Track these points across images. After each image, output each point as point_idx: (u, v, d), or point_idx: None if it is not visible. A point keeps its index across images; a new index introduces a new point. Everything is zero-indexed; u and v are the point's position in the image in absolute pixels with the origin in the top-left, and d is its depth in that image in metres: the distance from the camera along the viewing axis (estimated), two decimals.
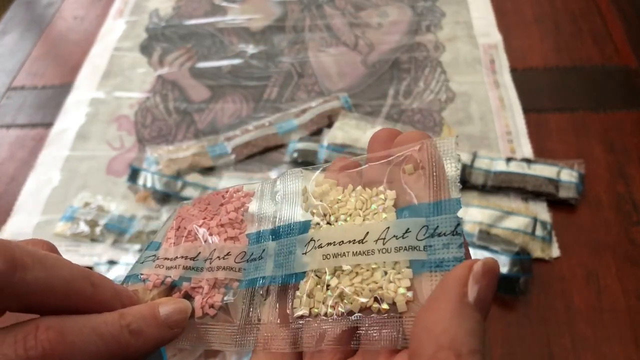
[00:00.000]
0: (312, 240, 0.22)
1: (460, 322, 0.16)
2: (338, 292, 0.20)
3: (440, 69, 0.68)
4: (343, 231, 0.21)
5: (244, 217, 0.25)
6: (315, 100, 0.65)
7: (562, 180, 0.54)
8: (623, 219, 0.52)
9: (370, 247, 0.21)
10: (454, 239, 0.19)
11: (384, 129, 0.24)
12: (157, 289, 0.24)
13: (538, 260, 0.50)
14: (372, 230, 0.21)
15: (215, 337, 0.23)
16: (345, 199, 0.22)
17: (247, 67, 0.72)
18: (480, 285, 0.17)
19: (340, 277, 0.21)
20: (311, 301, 0.21)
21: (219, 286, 0.24)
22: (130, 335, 0.20)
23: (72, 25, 0.82)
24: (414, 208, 0.21)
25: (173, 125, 0.66)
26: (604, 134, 0.59)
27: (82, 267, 0.20)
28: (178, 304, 0.23)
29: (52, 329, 0.18)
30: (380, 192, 0.22)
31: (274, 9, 0.80)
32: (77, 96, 0.71)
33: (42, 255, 0.19)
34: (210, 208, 0.26)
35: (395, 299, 0.19)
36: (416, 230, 0.20)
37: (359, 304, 0.20)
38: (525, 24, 0.73)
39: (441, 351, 0.16)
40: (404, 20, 0.76)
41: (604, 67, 0.66)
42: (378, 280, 0.20)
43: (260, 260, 0.23)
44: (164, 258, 0.25)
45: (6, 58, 0.78)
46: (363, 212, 0.22)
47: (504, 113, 0.62)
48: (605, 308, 0.47)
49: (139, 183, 0.59)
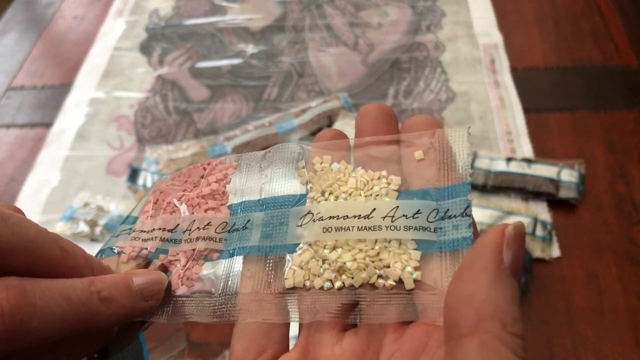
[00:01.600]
0: (310, 213, 0.21)
1: (501, 289, 0.16)
2: (337, 265, 0.20)
3: (441, 69, 0.68)
4: (348, 205, 0.21)
5: (226, 189, 0.24)
6: (315, 100, 0.65)
7: (562, 180, 0.54)
8: (623, 219, 0.52)
9: (377, 222, 0.20)
10: (463, 220, 0.20)
11: (372, 104, 0.23)
12: (133, 261, 0.23)
13: (538, 260, 0.50)
14: (379, 208, 0.21)
15: (193, 309, 0.22)
16: (345, 178, 0.22)
17: (247, 67, 0.72)
18: (514, 248, 0.16)
19: (341, 251, 0.20)
20: (305, 273, 0.21)
21: (197, 257, 0.23)
22: (101, 302, 0.19)
23: (72, 25, 0.82)
24: (423, 192, 0.21)
25: (173, 125, 0.66)
26: (604, 134, 0.59)
27: (51, 232, 0.19)
28: (153, 275, 0.22)
29: (13, 288, 0.17)
30: (383, 176, 0.22)
31: (274, 8, 0.80)
32: (76, 96, 0.71)
33: (4, 213, 0.18)
34: (191, 180, 0.25)
35: (402, 277, 0.20)
36: (427, 212, 0.20)
37: (361, 279, 0.20)
38: (526, 23, 0.73)
39: (485, 321, 0.15)
40: (404, 20, 0.76)
41: (605, 67, 0.66)
42: (384, 258, 0.20)
43: (244, 231, 0.23)
44: (140, 230, 0.24)
45: (6, 58, 0.78)
46: (364, 192, 0.22)
47: (504, 113, 0.62)
48: (605, 308, 0.47)
49: (138, 183, 0.59)
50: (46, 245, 0.19)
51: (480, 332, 0.15)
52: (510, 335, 0.15)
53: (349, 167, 0.23)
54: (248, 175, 0.24)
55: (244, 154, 0.25)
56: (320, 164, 0.23)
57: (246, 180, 0.24)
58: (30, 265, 0.18)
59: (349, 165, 0.23)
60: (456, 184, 0.21)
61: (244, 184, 0.24)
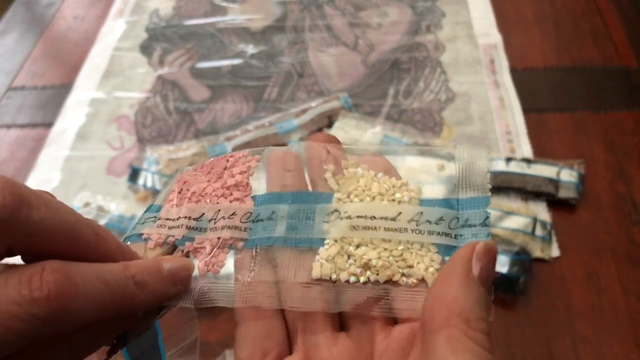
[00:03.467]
0: (337, 211, 0.23)
1: (467, 292, 0.19)
2: (363, 262, 0.21)
3: (440, 69, 0.68)
4: (375, 207, 0.23)
5: (249, 180, 0.25)
6: (315, 100, 0.65)
7: (562, 180, 0.54)
8: (623, 219, 0.52)
9: (402, 225, 0.22)
10: (482, 229, 0.22)
11: (321, 134, 0.26)
12: (159, 248, 0.24)
13: (538, 260, 0.50)
14: (404, 212, 0.22)
15: (219, 294, 0.22)
16: (369, 183, 0.24)
17: (247, 67, 0.72)
18: (482, 262, 0.19)
19: (366, 249, 0.22)
20: (332, 267, 0.22)
21: (223, 246, 0.23)
22: (135, 286, 0.20)
23: (72, 25, 0.82)
24: (445, 201, 0.23)
25: (173, 125, 0.66)
26: (604, 134, 0.59)
27: (86, 217, 0.20)
28: (182, 261, 0.22)
29: (58, 271, 0.17)
30: (404, 184, 0.23)
31: (274, 9, 0.80)
32: (77, 96, 0.71)
33: (46, 197, 0.19)
34: (214, 172, 0.26)
35: (425, 276, 0.21)
36: (448, 220, 0.22)
37: (385, 275, 0.21)
38: (525, 24, 0.73)
39: (452, 317, 0.18)
40: (404, 20, 0.76)
41: (604, 67, 0.66)
42: (407, 258, 0.21)
43: (269, 221, 0.23)
44: (165, 218, 0.25)
45: (6, 58, 0.78)
46: (387, 198, 0.23)
47: (504, 113, 0.62)
48: (605, 308, 0.47)
49: (139, 183, 0.59)
50: (83, 229, 0.19)
51: (448, 327, 0.18)
52: (473, 331, 0.18)
53: (372, 173, 0.24)
54: (271, 169, 0.25)
55: (267, 148, 0.26)
56: (347, 168, 0.24)
57: (269, 173, 0.25)
58: (69, 249, 0.19)
59: (372, 171, 0.24)
60: (476, 196, 0.22)
61: (267, 177, 0.25)
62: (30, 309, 0.17)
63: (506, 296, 0.48)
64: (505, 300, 0.48)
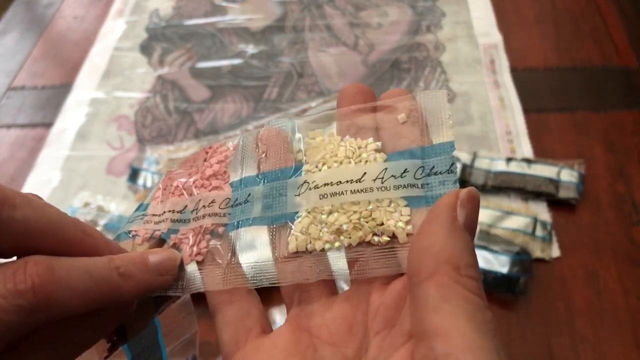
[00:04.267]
0: (306, 183, 0.23)
1: (455, 240, 0.18)
2: (335, 228, 0.22)
3: (440, 69, 0.68)
4: (340, 172, 0.23)
5: (227, 169, 0.26)
6: (315, 100, 0.65)
7: (562, 180, 0.54)
8: (623, 219, 0.52)
9: (368, 185, 0.22)
10: (449, 177, 0.21)
11: (350, 85, 0.25)
12: (146, 243, 0.25)
13: (538, 260, 0.50)
14: (369, 171, 0.22)
15: (205, 279, 0.23)
16: (335, 149, 0.23)
17: (247, 67, 0.72)
18: (467, 209, 0.19)
19: (337, 215, 0.22)
20: (306, 238, 0.22)
21: (204, 233, 0.24)
22: (120, 278, 0.20)
23: (72, 25, 0.82)
24: (409, 152, 0.22)
25: (173, 125, 0.66)
26: (604, 134, 0.59)
27: (71, 216, 0.21)
28: (167, 253, 0.23)
29: (41, 264, 0.18)
30: (369, 144, 0.23)
31: (274, 9, 0.80)
32: (77, 96, 0.71)
33: (30, 197, 0.19)
34: (195, 165, 0.27)
35: (395, 232, 0.21)
36: (413, 170, 0.22)
37: (357, 238, 0.21)
38: (526, 24, 0.73)
39: (441, 266, 0.18)
40: (404, 20, 0.76)
41: (604, 67, 0.66)
42: (377, 217, 0.21)
43: (246, 204, 0.24)
44: (152, 215, 0.26)
45: (6, 58, 0.78)
46: (354, 160, 0.23)
47: (504, 113, 0.62)
48: (605, 308, 0.47)
49: (139, 183, 0.59)
50: (69, 227, 0.20)
51: (437, 275, 0.18)
52: (464, 277, 0.18)
53: (337, 138, 0.24)
54: (245, 154, 0.26)
55: (242, 134, 0.26)
56: (313, 138, 0.24)
57: (244, 158, 0.26)
58: (55, 246, 0.19)
59: (337, 135, 0.24)
60: (440, 142, 0.22)
61: (243, 162, 0.25)
62: (15, 301, 0.17)
63: (506, 296, 0.48)
64: (505, 300, 0.48)
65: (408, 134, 0.23)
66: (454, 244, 0.18)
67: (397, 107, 0.23)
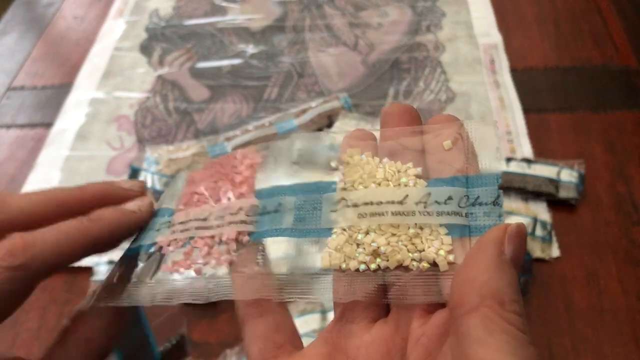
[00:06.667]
0: (344, 200, 0.22)
1: (501, 276, 0.18)
2: (371, 249, 0.21)
3: (440, 69, 0.68)
4: (381, 192, 0.22)
5: (256, 176, 0.25)
6: (315, 100, 0.65)
7: (562, 180, 0.54)
8: (623, 219, 0.52)
9: (410, 208, 0.21)
10: (494, 209, 0.21)
11: (395, 104, 0.25)
12: None
13: (538, 260, 0.50)
14: (411, 194, 0.22)
15: (226, 289, 0.23)
16: (374, 170, 0.23)
17: (247, 67, 0.72)
18: (514, 244, 0.19)
19: (374, 235, 0.21)
20: (342, 256, 0.21)
21: (228, 242, 0.23)
22: (89, 221, 0.22)
23: (72, 25, 0.82)
24: (453, 180, 0.22)
25: (173, 125, 0.66)
26: (604, 134, 0.59)
27: None
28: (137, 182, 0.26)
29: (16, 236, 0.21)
30: (409, 168, 0.23)
31: (274, 9, 0.80)
32: (77, 96, 0.71)
33: None
34: (222, 170, 0.26)
35: (436, 259, 0.20)
36: (457, 198, 0.21)
37: (395, 261, 0.21)
38: (526, 24, 0.73)
39: (486, 300, 0.17)
40: (404, 20, 0.76)
41: (604, 67, 0.66)
42: (416, 242, 0.21)
43: (275, 214, 0.23)
44: (178, 223, 0.25)
45: (6, 58, 0.78)
46: (393, 183, 0.22)
47: (504, 113, 0.62)
48: (605, 308, 0.47)
49: None
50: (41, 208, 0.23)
51: (481, 308, 0.17)
52: (508, 312, 0.17)
53: (376, 159, 0.23)
54: (277, 163, 0.25)
55: (272, 143, 0.26)
56: (351, 156, 0.24)
57: (276, 167, 0.25)
58: None
59: (376, 157, 0.23)
60: (486, 174, 0.21)
61: (274, 171, 0.25)
62: None
63: None
64: None
65: (453, 161, 0.22)
66: (500, 279, 0.18)
67: (443, 133, 0.23)
